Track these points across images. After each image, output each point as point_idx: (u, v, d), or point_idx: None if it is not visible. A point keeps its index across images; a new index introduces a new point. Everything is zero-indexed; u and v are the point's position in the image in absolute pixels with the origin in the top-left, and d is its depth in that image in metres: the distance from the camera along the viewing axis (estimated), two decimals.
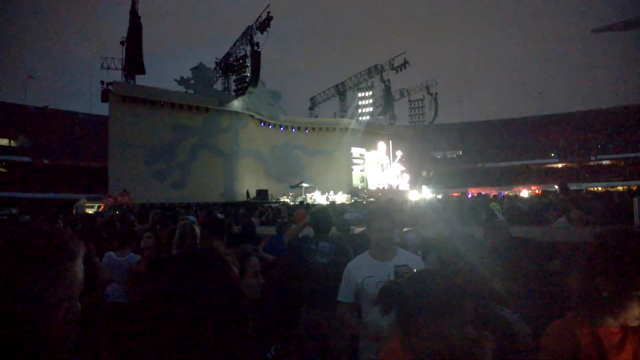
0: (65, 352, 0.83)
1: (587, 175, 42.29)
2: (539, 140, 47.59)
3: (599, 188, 36.00)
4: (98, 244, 6.34)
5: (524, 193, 30.81)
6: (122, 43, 29.04)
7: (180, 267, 0.87)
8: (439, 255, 2.27)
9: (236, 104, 32.90)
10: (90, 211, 19.69)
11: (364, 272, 2.64)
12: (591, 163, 43.31)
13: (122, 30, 29.55)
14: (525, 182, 41.71)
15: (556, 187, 21.02)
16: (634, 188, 30.08)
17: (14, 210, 21.02)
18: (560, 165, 45.17)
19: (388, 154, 38.05)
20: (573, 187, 26.29)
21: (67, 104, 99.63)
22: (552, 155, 45.53)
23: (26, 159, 33.48)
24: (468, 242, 2.16)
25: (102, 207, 20.69)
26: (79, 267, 0.87)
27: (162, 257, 4.39)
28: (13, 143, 34.88)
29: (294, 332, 3.20)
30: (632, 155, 40.96)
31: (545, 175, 43.51)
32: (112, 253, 4.51)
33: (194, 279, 0.84)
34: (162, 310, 0.81)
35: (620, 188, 34.71)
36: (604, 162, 42.81)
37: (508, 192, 33.26)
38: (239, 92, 32.84)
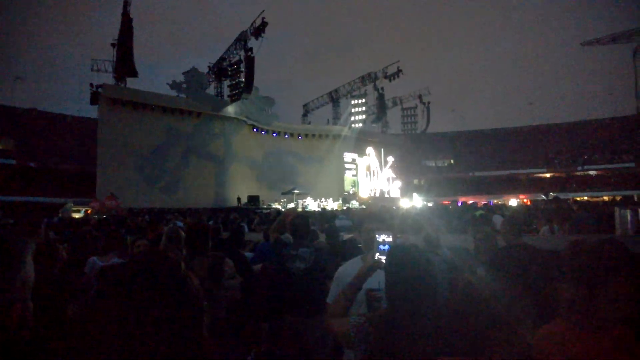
0: (22, 352, 0.80)
1: (574, 185, 42.80)
2: (528, 150, 48.13)
3: (585, 198, 36.48)
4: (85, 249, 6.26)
5: (513, 202, 31.10)
6: (113, 45, 28.65)
7: (126, 271, 0.84)
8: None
9: (229, 109, 32.69)
10: (76, 216, 19.37)
11: None
12: (578, 173, 43.80)
13: (114, 31, 29.29)
14: (514, 192, 42.08)
15: (543, 196, 21.24)
16: (619, 198, 30.63)
17: None
18: (548, 175, 45.64)
19: (379, 160, 38.11)
20: (560, 196, 26.61)
21: (55, 106, 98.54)
22: (540, 165, 46.01)
23: (11, 161, 32.76)
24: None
25: (89, 211, 20.44)
26: (29, 267, 0.84)
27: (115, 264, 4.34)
28: None
29: (277, 338, 3.17)
30: (618, 166, 41.62)
31: (533, 185, 43.92)
32: (95, 258, 4.42)
33: (139, 282, 0.81)
34: (110, 315, 0.78)
35: (605, 198, 35.38)
36: (591, 173, 43.32)
37: (497, 200, 33.54)
38: (233, 98, 32.53)
